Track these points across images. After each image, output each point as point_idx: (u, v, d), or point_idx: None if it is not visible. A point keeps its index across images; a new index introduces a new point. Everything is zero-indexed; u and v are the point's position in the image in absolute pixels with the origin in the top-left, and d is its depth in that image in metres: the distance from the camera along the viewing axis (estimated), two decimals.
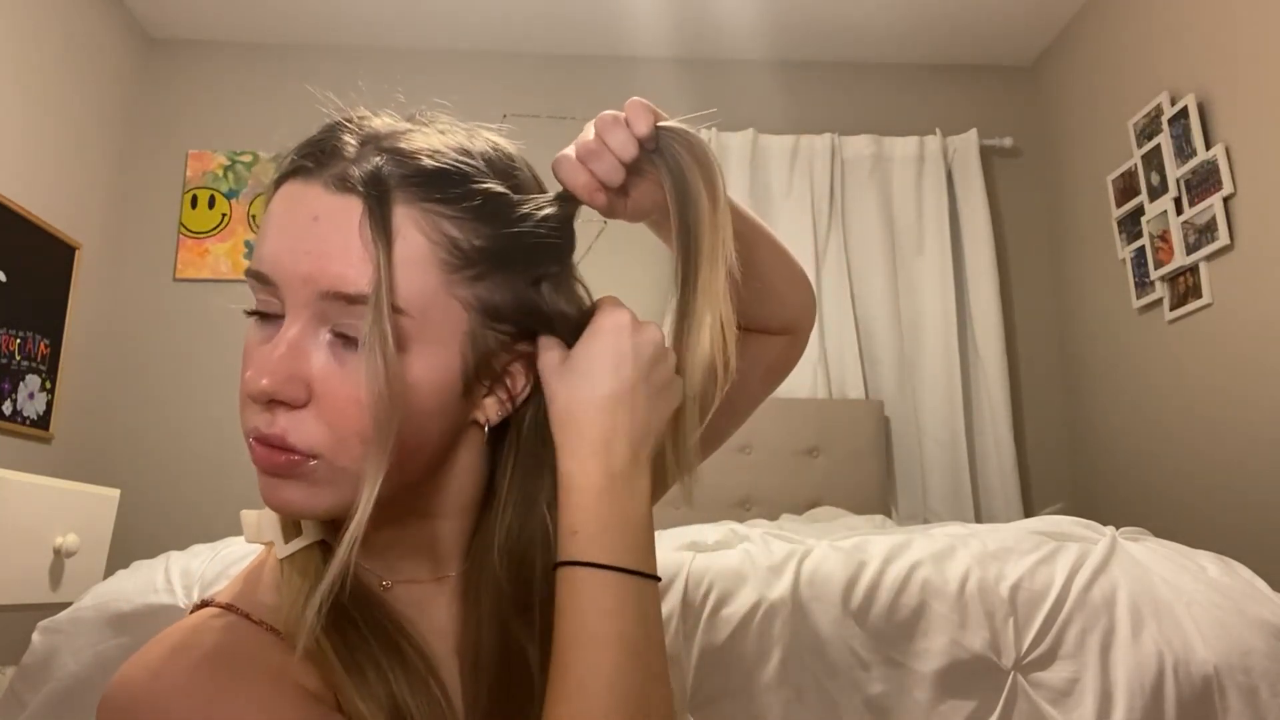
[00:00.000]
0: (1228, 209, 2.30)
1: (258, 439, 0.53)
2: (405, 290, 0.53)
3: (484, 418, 0.60)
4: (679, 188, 0.61)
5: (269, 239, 0.55)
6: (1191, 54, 2.48)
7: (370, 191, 0.53)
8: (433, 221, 0.54)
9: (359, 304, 0.52)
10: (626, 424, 0.58)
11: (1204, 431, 2.40)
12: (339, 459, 0.53)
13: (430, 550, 0.63)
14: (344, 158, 0.55)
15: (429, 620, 0.62)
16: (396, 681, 0.56)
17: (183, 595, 1.14)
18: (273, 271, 0.54)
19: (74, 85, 2.79)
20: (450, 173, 0.56)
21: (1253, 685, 0.96)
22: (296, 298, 0.53)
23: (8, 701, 1.15)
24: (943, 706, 0.97)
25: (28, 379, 2.54)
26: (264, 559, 0.63)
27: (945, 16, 3.06)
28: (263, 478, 0.54)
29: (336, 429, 0.53)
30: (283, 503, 0.54)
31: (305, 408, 0.53)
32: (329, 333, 0.53)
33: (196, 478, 2.85)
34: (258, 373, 0.52)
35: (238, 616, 0.58)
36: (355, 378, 0.52)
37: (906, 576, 1.03)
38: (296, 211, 0.54)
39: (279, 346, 0.53)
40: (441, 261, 0.54)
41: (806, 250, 2.99)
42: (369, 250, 0.52)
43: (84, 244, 2.81)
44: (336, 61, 3.20)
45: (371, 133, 0.57)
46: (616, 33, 3.13)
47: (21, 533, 1.80)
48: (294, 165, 0.56)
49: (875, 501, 2.69)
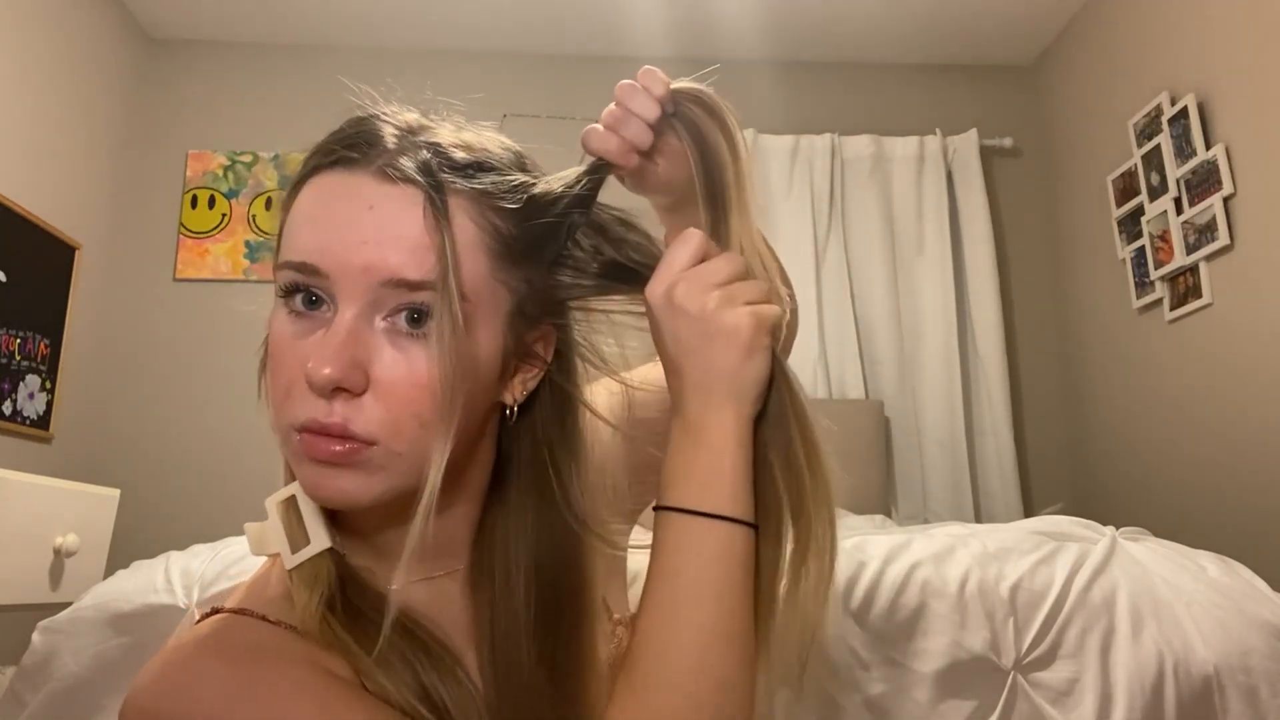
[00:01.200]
0: (1228, 209, 2.30)
1: (314, 429, 0.53)
2: (465, 275, 0.54)
3: (511, 398, 0.61)
4: (700, 143, 0.63)
5: (312, 230, 0.55)
6: (1191, 54, 2.48)
7: (428, 180, 0.54)
8: (479, 209, 0.56)
9: (421, 290, 0.53)
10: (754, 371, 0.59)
11: (1204, 431, 2.40)
12: (395, 443, 0.54)
13: (442, 547, 0.63)
14: (387, 148, 0.56)
15: (444, 613, 0.62)
16: (423, 669, 0.57)
17: (183, 595, 1.14)
18: (323, 262, 0.54)
19: (74, 85, 2.79)
20: (484, 163, 0.58)
21: (1253, 685, 0.96)
22: (353, 287, 0.53)
23: (8, 701, 1.15)
24: (943, 707, 0.97)
25: (28, 379, 2.54)
26: (269, 569, 0.63)
27: (945, 16, 3.06)
28: (312, 468, 0.54)
29: (394, 413, 0.53)
30: (336, 492, 0.54)
31: (363, 395, 0.53)
32: (383, 319, 0.54)
33: (196, 478, 2.85)
34: (320, 362, 0.52)
35: (252, 618, 0.58)
36: (414, 362, 0.53)
37: (906, 576, 1.03)
38: (347, 201, 0.54)
39: (338, 334, 0.53)
40: (487, 246, 0.56)
41: (806, 250, 2.99)
42: (431, 238, 0.53)
43: (84, 244, 2.81)
44: (336, 61, 3.20)
45: (406, 125, 0.58)
46: (616, 33, 3.13)
47: (21, 533, 1.80)
48: (335, 157, 0.56)
49: (875, 501, 2.69)
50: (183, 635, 0.57)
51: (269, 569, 0.63)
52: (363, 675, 0.55)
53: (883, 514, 2.59)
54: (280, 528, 0.60)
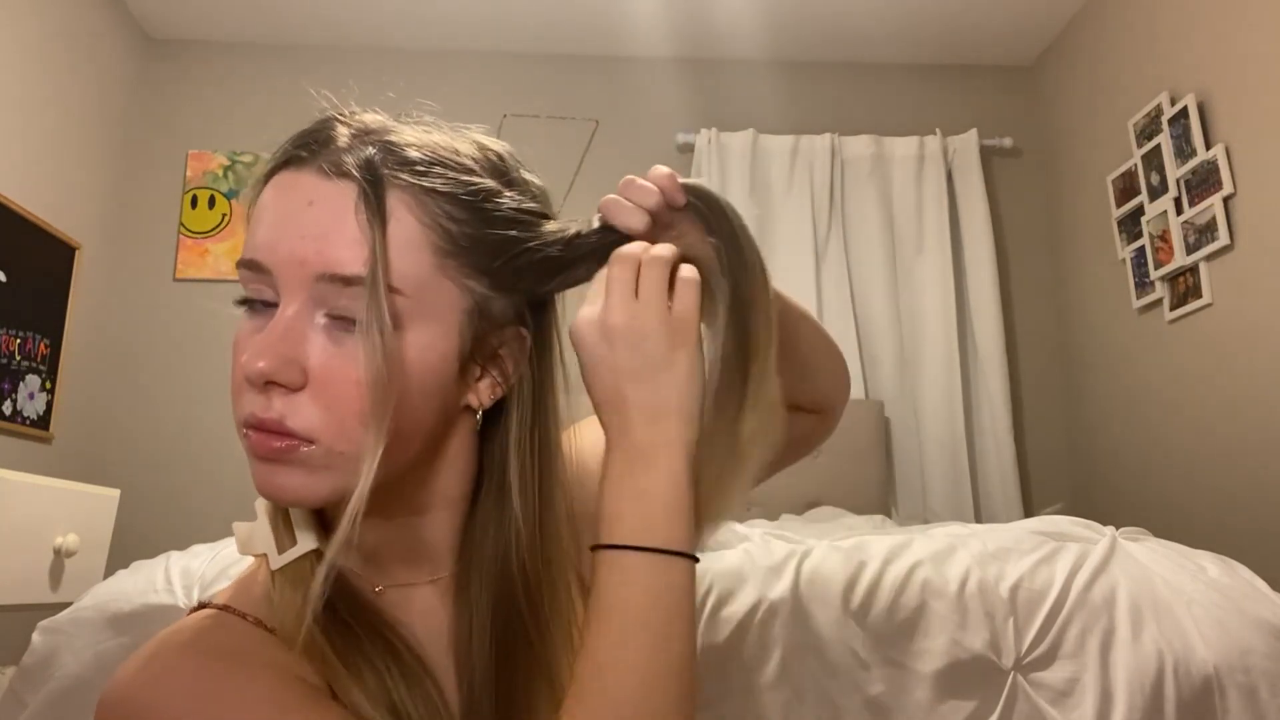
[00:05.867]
0: (1228, 209, 2.30)
1: (254, 424, 0.53)
2: (400, 270, 0.54)
3: (477, 401, 0.60)
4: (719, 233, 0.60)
5: (262, 227, 0.55)
6: (1191, 54, 2.48)
7: (364, 175, 0.54)
8: (424, 205, 0.56)
9: (355, 285, 0.52)
10: (674, 399, 0.57)
11: (1204, 431, 2.40)
12: (336, 443, 0.53)
13: (421, 551, 0.63)
14: (337, 146, 0.56)
15: (423, 622, 0.62)
16: (393, 681, 0.56)
17: (183, 595, 1.14)
18: (267, 258, 0.54)
19: (74, 85, 2.79)
20: (439, 162, 0.57)
21: (1252, 685, 0.96)
22: (292, 282, 0.53)
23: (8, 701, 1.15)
24: (943, 707, 0.97)
25: (28, 379, 2.54)
26: (258, 567, 0.63)
27: (945, 16, 3.06)
28: (258, 465, 0.54)
29: (334, 411, 0.53)
30: (279, 489, 0.54)
31: (301, 391, 0.53)
32: (324, 316, 0.54)
33: (196, 478, 2.85)
34: (254, 356, 0.52)
35: (234, 616, 0.58)
36: (352, 359, 0.53)
37: (906, 576, 1.03)
38: (290, 198, 0.55)
39: (275, 330, 0.53)
40: (434, 244, 0.56)
41: (806, 250, 2.99)
42: (364, 232, 0.53)
43: (84, 244, 2.81)
44: (336, 62, 3.20)
45: (363, 126, 0.58)
46: (616, 33, 3.13)
47: (21, 533, 1.80)
48: (286, 156, 0.57)
49: (875, 501, 2.69)
50: (165, 631, 0.58)
51: (257, 567, 0.63)
52: (334, 683, 0.55)
53: (883, 514, 2.59)
54: (267, 529, 0.60)
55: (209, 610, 0.59)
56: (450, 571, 0.63)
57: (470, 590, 0.61)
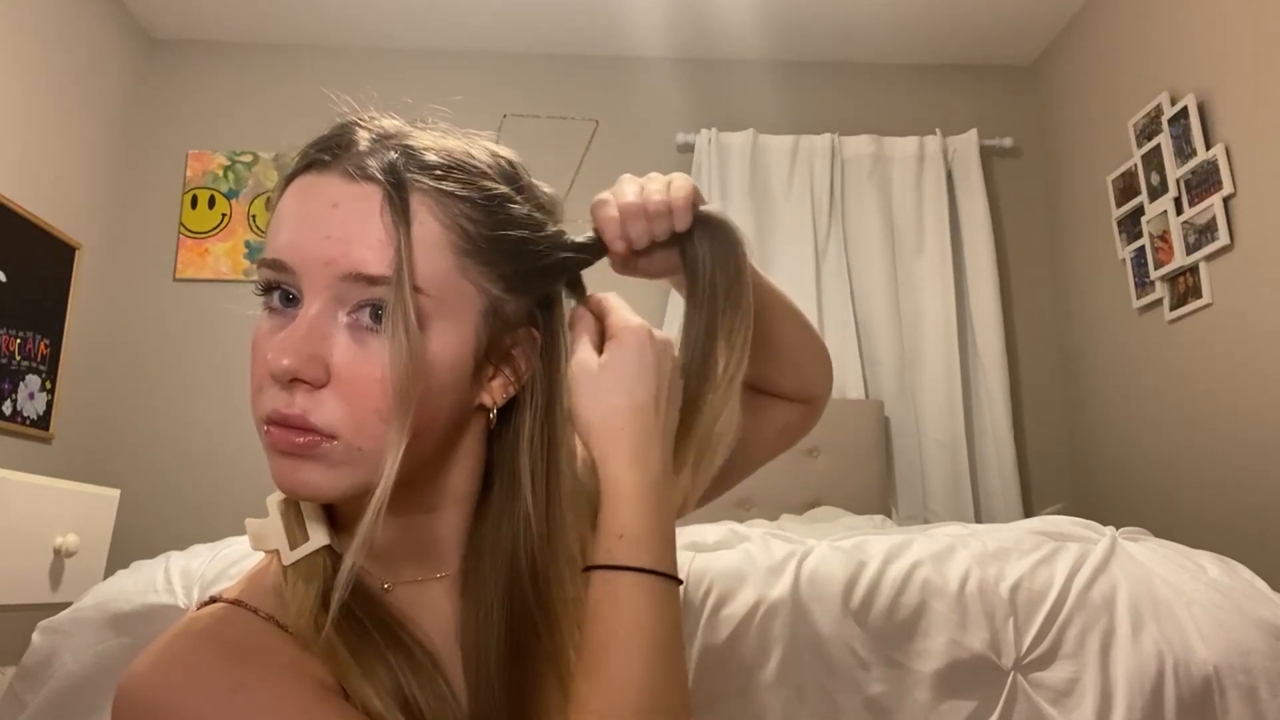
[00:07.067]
0: (1228, 209, 2.30)
1: (276, 420, 0.54)
2: (424, 270, 0.55)
3: (490, 400, 0.62)
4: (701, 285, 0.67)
5: (285, 229, 0.57)
6: (1191, 54, 2.48)
7: (388, 179, 0.56)
8: (445, 208, 0.57)
9: (379, 284, 0.54)
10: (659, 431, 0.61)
11: (1204, 431, 2.40)
12: (357, 439, 0.54)
13: (430, 548, 0.63)
14: (358, 150, 0.57)
15: (431, 618, 0.62)
16: (404, 676, 0.57)
17: (183, 595, 1.14)
18: (291, 258, 0.55)
19: (74, 85, 2.79)
20: (457, 166, 0.59)
21: (1253, 685, 0.96)
22: (316, 282, 0.55)
23: (8, 701, 1.15)
24: (943, 706, 0.97)
25: (28, 379, 2.54)
26: (269, 563, 0.64)
27: (945, 16, 3.06)
28: (279, 460, 0.55)
29: (356, 408, 0.54)
30: (300, 484, 0.55)
31: (324, 388, 0.54)
32: (346, 315, 0.55)
33: (196, 478, 2.85)
34: (280, 353, 0.53)
35: (247, 611, 0.59)
36: (375, 357, 0.54)
37: (906, 576, 1.03)
38: (314, 201, 0.56)
39: (299, 327, 0.54)
40: (454, 245, 0.57)
41: (806, 250, 2.99)
42: (389, 233, 0.54)
43: (84, 244, 2.81)
44: (337, 62, 3.20)
45: (382, 131, 0.60)
46: (616, 33, 3.13)
47: (21, 533, 1.80)
48: (308, 160, 0.58)
49: (875, 502, 2.69)
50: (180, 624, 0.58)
51: (269, 563, 0.64)
52: (346, 679, 0.56)
53: (883, 514, 2.59)
54: (279, 525, 0.61)
55: (221, 604, 0.60)
56: (457, 568, 0.64)
57: (480, 585, 0.62)
